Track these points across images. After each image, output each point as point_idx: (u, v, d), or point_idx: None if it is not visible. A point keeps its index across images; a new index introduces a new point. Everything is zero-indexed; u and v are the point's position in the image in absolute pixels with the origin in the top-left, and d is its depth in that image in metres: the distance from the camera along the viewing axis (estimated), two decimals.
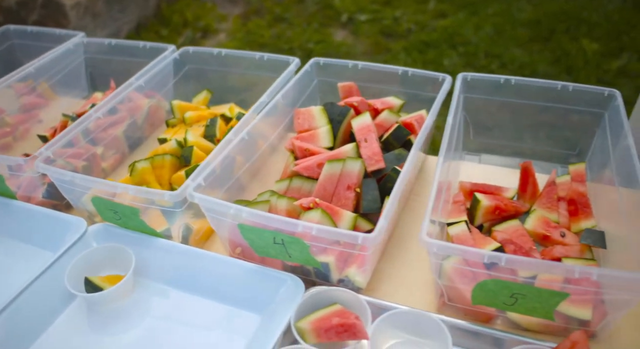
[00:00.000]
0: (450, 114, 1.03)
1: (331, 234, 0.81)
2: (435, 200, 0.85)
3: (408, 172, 0.91)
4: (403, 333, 0.86)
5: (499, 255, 0.75)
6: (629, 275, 0.73)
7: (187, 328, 0.92)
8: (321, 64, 1.24)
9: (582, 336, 0.75)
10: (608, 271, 0.72)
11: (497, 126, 1.19)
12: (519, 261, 0.75)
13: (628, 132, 0.98)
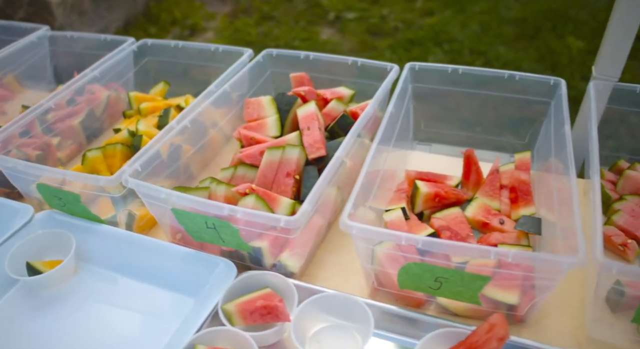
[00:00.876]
0: (392, 103, 1.04)
1: (255, 217, 0.82)
2: (361, 187, 0.86)
3: (340, 159, 0.92)
4: (331, 317, 0.86)
5: (416, 238, 0.76)
6: (539, 256, 0.73)
7: (125, 311, 0.93)
8: (274, 55, 1.26)
9: (500, 318, 0.76)
10: (521, 253, 0.73)
11: (447, 115, 1.20)
12: (435, 243, 0.75)
13: (566, 120, 0.98)
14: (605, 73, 1.09)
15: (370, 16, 3.83)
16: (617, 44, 1.06)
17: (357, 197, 0.84)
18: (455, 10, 3.89)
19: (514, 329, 0.86)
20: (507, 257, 0.73)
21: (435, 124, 1.21)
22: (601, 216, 0.78)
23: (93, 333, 0.90)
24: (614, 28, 1.06)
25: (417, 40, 3.57)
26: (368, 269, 0.87)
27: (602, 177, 1.09)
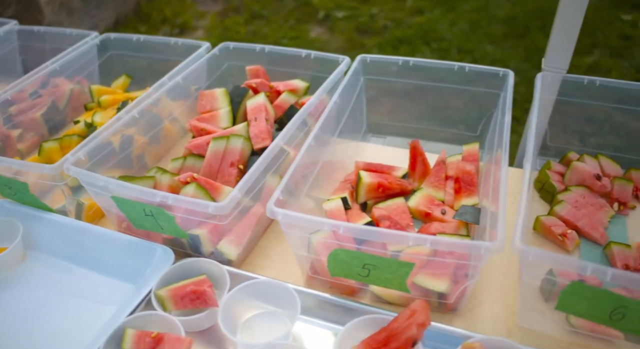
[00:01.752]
0: (336, 94, 1.05)
1: (185, 203, 0.83)
2: (292, 174, 0.87)
3: (278, 146, 0.93)
4: (264, 304, 0.87)
5: (338, 224, 0.76)
6: (456, 242, 0.73)
7: (68, 297, 0.95)
8: (231, 48, 1.27)
9: (421, 305, 0.76)
10: (439, 239, 0.73)
11: (400, 108, 1.20)
12: (355, 229, 0.76)
13: (507, 110, 0.99)
14: (554, 65, 1.09)
15: (359, 15, 3.84)
16: (564, 36, 1.06)
17: (287, 184, 0.85)
18: (445, 9, 3.89)
19: (445, 318, 0.86)
20: (426, 243, 0.73)
21: (389, 117, 1.22)
22: (526, 205, 0.78)
23: (35, 318, 0.91)
24: (561, 21, 1.06)
25: (405, 39, 3.58)
26: (300, 257, 0.88)
27: (549, 169, 1.09)
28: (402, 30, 3.68)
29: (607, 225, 1.00)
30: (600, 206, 1.01)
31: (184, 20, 3.63)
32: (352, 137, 1.21)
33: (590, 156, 1.10)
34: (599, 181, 1.02)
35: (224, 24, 3.67)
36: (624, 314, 0.73)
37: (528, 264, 0.75)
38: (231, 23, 3.68)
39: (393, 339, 0.76)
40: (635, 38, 3.53)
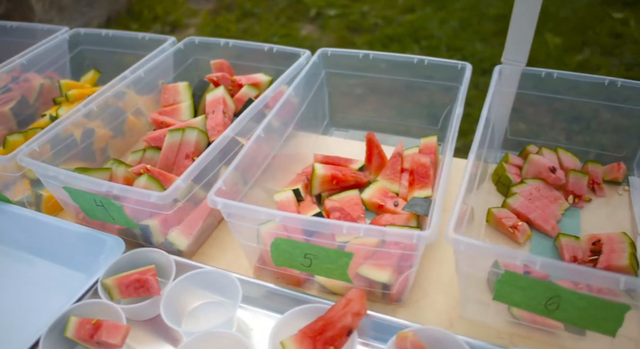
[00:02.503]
0: (291, 87, 1.05)
1: (129, 193, 0.83)
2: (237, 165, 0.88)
3: (227, 137, 0.94)
4: (210, 293, 0.88)
5: (274, 213, 0.77)
6: (389, 231, 0.73)
7: (24, 287, 0.96)
8: (196, 42, 1.27)
9: (357, 293, 0.76)
10: (372, 228, 0.73)
11: (363, 101, 1.21)
12: (291, 218, 0.76)
13: (460, 103, 0.99)
14: (512, 58, 1.09)
15: (351, 13, 3.84)
16: (521, 29, 1.06)
17: (231, 174, 0.85)
18: (437, 7, 3.89)
19: (389, 309, 0.86)
20: (359, 232, 0.73)
21: (352, 110, 1.22)
22: (464, 195, 0.78)
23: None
24: (518, 14, 1.06)
25: (395, 37, 3.57)
26: (247, 247, 0.88)
27: (507, 162, 1.09)
28: (393, 28, 3.68)
29: (561, 218, 1.00)
30: (554, 198, 1.01)
31: (176, 18, 3.65)
32: (313, 130, 1.21)
33: (548, 149, 1.10)
34: (554, 174, 1.02)
35: (216, 22, 3.68)
36: (559, 304, 0.73)
37: (464, 255, 0.75)
38: (222, 21, 3.69)
39: (329, 328, 0.76)
40: (626, 36, 3.52)
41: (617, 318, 0.71)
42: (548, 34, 3.57)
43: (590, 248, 0.92)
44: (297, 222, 0.76)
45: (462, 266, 0.75)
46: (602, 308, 0.70)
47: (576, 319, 0.73)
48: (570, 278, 0.70)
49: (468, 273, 0.77)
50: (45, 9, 3.07)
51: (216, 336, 0.77)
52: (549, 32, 3.58)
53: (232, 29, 3.62)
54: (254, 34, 3.63)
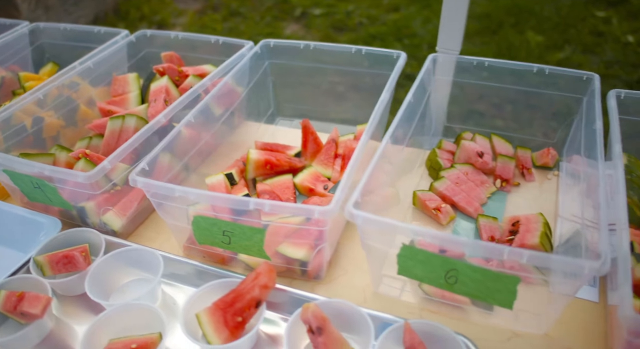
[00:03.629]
0: (229, 75, 1.09)
1: (59, 173, 0.87)
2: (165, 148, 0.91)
3: (159, 122, 0.97)
4: (139, 270, 0.91)
5: (188, 190, 0.80)
6: (297, 206, 0.77)
7: None
8: (148, 35, 1.31)
9: (266, 268, 0.80)
10: (280, 205, 0.77)
11: (307, 91, 1.24)
12: (201, 194, 0.80)
13: (387, 90, 1.02)
14: (446, 46, 1.12)
15: (336, 12, 3.88)
16: (453, 18, 1.09)
17: (157, 157, 0.89)
18: (421, 6, 3.92)
19: (308, 285, 0.89)
20: (264, 207, 0.77)
21: (296, 99, 1.26)
22: (370, 174, 0.81)
23: None
24: (448, 4, 1.09)
25: (379, 35, 3.61)
26: (174, 227, 0.92)
27: (440, 148, 1.12)
28: (377, 27, 3.72)
29: (486, 201, 1.03)
30: (481, 182, 1.04)
31: (162, 18, 3.70)
32: (258, 119, 1.25)
33: (482, 135, 1.13)
34: (481, 158, 1.05)
35: (202, 21, 3.73)
36: (457, 277, 0.76)
37: (366, 230, 0.78)
38: (208, 20, 3.73)
39: (238, 300, 0.79)
40: (608, 34, 3.53)
41: (510, 290, 0.74)
42: (530, 32, 3.60)
43: (510, 229, 0.95)
44: (206, 198, 0.80)
45: (366, 241, 0.79)
46: (495, 280, 0.73)
47: (474, 291, 0.76)
48: (459, 249, 0.73)
49: (372, 247, 0.80)
50: (31, 8, 3.12)
51: (133, 307, 0.80)
52: (531, 30, 3.61)
53: (217, 28, 3.67)
54: (239, 33, 3.68)
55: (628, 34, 3.56)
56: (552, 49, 3.46)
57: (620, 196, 0.76)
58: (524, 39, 3.51)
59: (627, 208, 0.89)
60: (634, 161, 1.00)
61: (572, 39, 3.47)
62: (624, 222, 0.72)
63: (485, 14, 3.78)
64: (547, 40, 3.50)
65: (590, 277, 0.84)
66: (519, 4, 3.84)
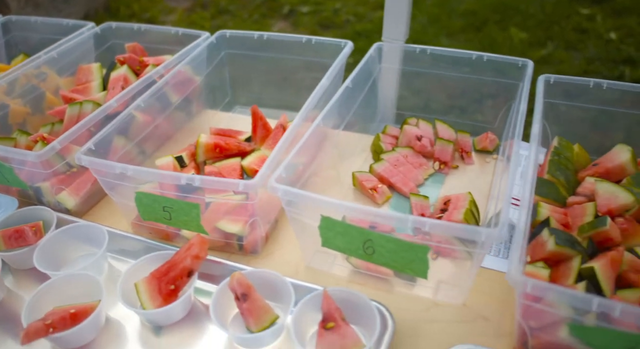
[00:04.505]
0: (181, 64, 1.14)
1: (10, 153, 0.93)
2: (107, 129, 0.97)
3: (111, 107, 1.03)
4: (89, 246, 0.96)
5: (126, 166, 0.85)
6: (225, 181, 0.82)
7: None
8: (113, 27, 1.37)
9: (198, 239, 0.85)
10: (207, 178, 0.82)
11: (262, 79, 1.29)
12: (141, 171, 0.85)
13: (328, 76, 1.07)
14: (391, 36, 1.17)
15: (323, 10, 3.93)
16: (396, 8, 1.14)
17: (103, 137, 0.94)
18: None
19: (245, 259, 0.94)
20: (194, 181, 0.82)
21: (252, 88, 1.31)
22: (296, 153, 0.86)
23: None
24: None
25: (364, 33, 3.66)
26: (122, 205, 0.97)
27: (384, 133, 1.17)
28: (363, 25, 3.76)
29: (423, 182, 1.08)
30: (420, 164, 1.09)
31: (152, 16, 3.76)
32: (216, 107, 1.30)
33: (426, 121, 1.18)
34: (420, 142, 1.10)
35: (190, 19, 3.79)
36: (374, 248, 0.81)
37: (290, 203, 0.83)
38: (197, 18, 3.79)
39: (172, 270, 0.84)
40: (591, 31, 3.57)
41: (421, 259, 0.78)
42: (513, 28, 3.64)
43: (441, 207, 1.00)
44: (142, 173, 0.85)
45: (291, 215, 0.83)
46: (407, 250, 0.78)
47: (390, 262, 0.81)
48: (364, 217, 0.78)
49: (298, 221, 0.85)
50: (20, 5, 3.19)
51: (76, 277, 0.86)
52: (514, 27, 3.65)
53: (206, 26, 3.72)
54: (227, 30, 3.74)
55: (611, 31, 3.60)
56: (535, 45, 3.49)
57: (529, 174, 0.81)
58: (507, 36, 3.55)
59: (547, 186, 0.95)
60: (565, 144, 1.05)
61: (555, 36, 3.51)
62: (527, 198, 0.77)
63: (471, 11, 3.82)
64: (531, 37, 3.54)
65: (490, 245, 0.88)
66: (505, 2, 3.88)
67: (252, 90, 1.31)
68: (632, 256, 0.85)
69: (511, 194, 0.77)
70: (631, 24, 3.67)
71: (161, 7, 3.91)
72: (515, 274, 0.64)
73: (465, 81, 1.14)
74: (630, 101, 1.03)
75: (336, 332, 0.76)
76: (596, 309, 0.62)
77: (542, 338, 0.72)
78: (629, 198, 0.89)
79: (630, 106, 1.04)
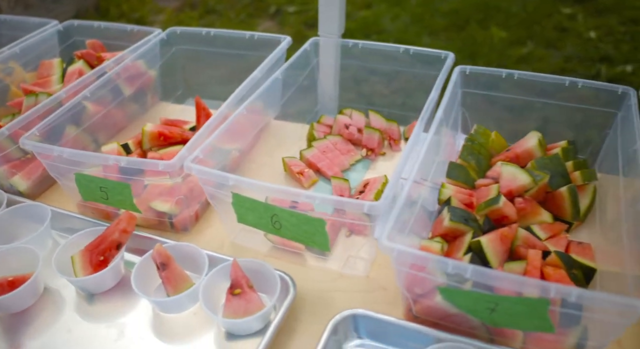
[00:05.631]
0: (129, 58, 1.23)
1: None
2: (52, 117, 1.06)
3: (59, 97, 1.12)
4: (37, 225, 1.05)
5: (63, 150, 0.94)
6: (145, 161, 0.90)
7: None
8: (75, 25, 1.46)
9: (127, 215, 0.93)
10: (132, 159, 0.90)
11: (210, 73, 1.38)
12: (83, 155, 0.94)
13: (261, 69, 1.15)
14: (326, 31, 1.26)
15: (309, 9, 4.01)
16: (330, 5, 1.22)
17: (48, 124, 1.03)
18: (392, 3, 4.04)
19: (176, 237, 1.02)
20: (120, 162, 0.90)
21: (203, 81, 1.39)
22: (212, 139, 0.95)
23: None
24: None
25: (347, 32, 3.71)
26: (65, 187, 1.06)
27: (319, 122, 1.25)
28: (347, 24, 3.83)
29: (348, 167, 1.15)
30: (347, 151, 1.17)
31: (141, 15, 3.86)
32: (169, 100, 1.39)
33: (359, 111, 1.26)
34: (347, 130, 1.17)
35: (179, 19, 3.89)
36: (280, 222, 0.88)
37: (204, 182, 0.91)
38: (185, 18, 3.89)
39: (102, 243, 0.93)
40: (571, 30, 3.62)
41: (321, 232, 0.86)
42: (494, 28, 3.70)
43: (360, 189, 1.07)
44: (76, 155, 0.94)
45: (208, 193, 0.92)
46: (308, 223, 0.86)
47: (296, 235, 0.89)
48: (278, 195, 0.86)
49: (218, 199, 0.93)
50: (10, 5, 3.30)
51: (17, 250, 0.94)
52: (495, 26, 3.71)
53: (193, 25, 3.80)
54: None
55: (591, 30, 3.65)
56: (515, 44, 3.55)
57: (421, 156, 0.88)
58: (488, 35, 3.61)
59: (457, 169, 1.02)
60: (482, 131, 1.12)
61: (536, 35, 3.57)
62: (412, 176, 0.84)
63: (454, 11, 3.89)
64: (511, 36, 3.60)
65: (376, 217, 0.95)
66: (488, 1, 3.94)
67: (202, 83, 1.40)
68: (527, 232, 0.93)
69: (400, 172, 0.85)
70: (611, 23, 3.72)
71: (150, 7, 4.01)
72: (383, 241, 0.72)
73: (398, 74, 1.22)
74: (542, 91, 1.10)
75: (242, 297, 0.84)
76: (451, 271, 0.69)
77: (423, 303, 0.80)
78: (527, 179, 0.97)
79: (544, 95, 1.11)
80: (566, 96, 1.08)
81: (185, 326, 0.87)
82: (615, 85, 1.03)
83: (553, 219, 0.98)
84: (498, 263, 0.87)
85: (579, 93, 1.08)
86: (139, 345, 0.85)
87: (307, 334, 0.83)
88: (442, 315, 0.79)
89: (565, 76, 1.09)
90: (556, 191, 0.99)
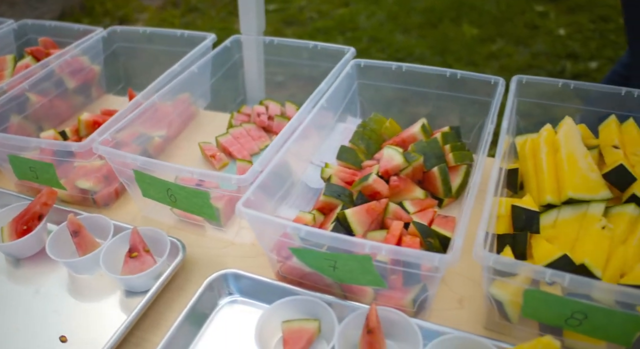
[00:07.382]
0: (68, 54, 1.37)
1: None
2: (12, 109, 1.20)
3: (1, 89, 1.26)
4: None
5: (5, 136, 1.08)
6: (62, 143, 1.05)
7: None
8: (30, 24, 1.60)
9: (47, 191, 1.07)
10: (57, 143, 1.04)
11: (148, 68, 1.51)
12: (12, 138, 1.07)
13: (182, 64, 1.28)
14: (247, 30, 1.38)
15: (289, 7, 4.14)
16: (248, 5, 1.35)
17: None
18: (369, 1, 4.16)
19: (97, 211, 1.16)
20: (41, 144, 1.04)
21: (141, 76, 1.53)
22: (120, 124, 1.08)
23: None
24: None
25: (323, 29, 3.86)
26: (5, 169, 1.20)
27: (239, 112, 1.38)
28: (324, 22, 3.97)
29: (258, 151, 1.28)
30: (259, 137, 1.30)
31: (125, 13, 4.00)
32: (112, 92, 1.53)
33: (276, 102, 1.39)
34: (259, 118, 1.31)
35: (161, 17, 4.03)
36: (175, 196, 1.02)
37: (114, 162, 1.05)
38: (168, 16, 4.03)
39: (26, 214, 1.07)
40: (541, 28, 3.72)
41: (207, 205, 0.99)
42: (466, 25, 3.80)
43: None
44: (6, 139, 1.08)
45: (117, 170, 1.05)
46: (196, 196, 0.99)
47: (188, 207, 1.02)
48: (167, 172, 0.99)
49: (125, 175, 1.06)
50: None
51: None
52: (468, 24, 3.82)
53: (175, 23, 3.96)
54: (195, 27, 3.97)
55: (561, 27, 3.74)
56: (486, 41, 3.65)
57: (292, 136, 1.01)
58: (460, 32, 3.71)
59: (346, 152, 1.15)
60: (377, 118, 1.24)
61: (506, 32, 3.66)
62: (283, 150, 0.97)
63: (429, 9, 4.00)
64: (483, 33, 3.70)
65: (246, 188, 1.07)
66: None
67: (141, 77, 1.53)
68: (397, 207, 1.05)
69: (277, 149, 0.98)
70: (582, 21, 3.81)
71: (134, 5, 4.15)
72: (239, 207, 0.85)
73: (307, 67, 1.35)
74: (429, 81, 1.22)
75: (138, 259, 0.98)
76: (304, 235, 0.81)
77: (287, 264, 0.93)
78: (400, 160, 1.09)
79: (431, 86, 1.23)
80: (451, 86, 1.20)
81: (93, 286, 1.01)
82: (489, 76, 1.15)
83: (426, 196, 1.10)
84: (361, 231, 1.00)
85: (462, 83, 1.20)
86: (52, 301, 0.99)
87: (191, 291, 0.96)
88: (301, 274, 0.92)
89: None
90: (430, 170, 1.11)
